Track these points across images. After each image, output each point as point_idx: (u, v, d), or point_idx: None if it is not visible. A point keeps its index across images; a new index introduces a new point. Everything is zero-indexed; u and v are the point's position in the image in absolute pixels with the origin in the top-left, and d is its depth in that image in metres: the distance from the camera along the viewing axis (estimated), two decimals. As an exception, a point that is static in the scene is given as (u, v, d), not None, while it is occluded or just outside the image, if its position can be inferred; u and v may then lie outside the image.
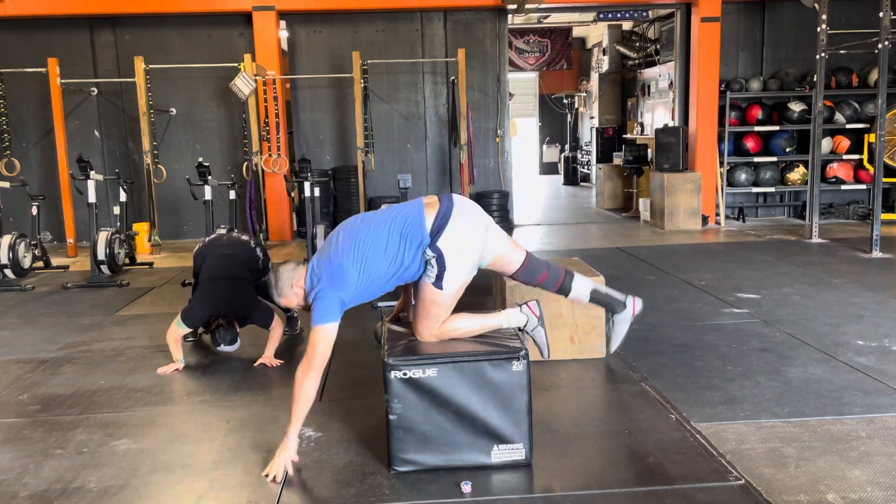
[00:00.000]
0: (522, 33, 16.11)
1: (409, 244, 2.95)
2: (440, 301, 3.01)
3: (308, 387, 2.89)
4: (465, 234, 2.98)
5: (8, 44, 9.53)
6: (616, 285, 6.11)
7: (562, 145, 19.46)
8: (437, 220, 2.95)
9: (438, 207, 2.99)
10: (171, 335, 4.43)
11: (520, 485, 2.82)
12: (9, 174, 8.86)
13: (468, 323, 3.11)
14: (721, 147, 9.85)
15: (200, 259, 4.71)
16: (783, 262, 7.03)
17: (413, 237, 2.95)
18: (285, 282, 3.12)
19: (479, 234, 3.04)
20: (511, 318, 3.19)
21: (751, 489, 2.72)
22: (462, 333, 3.09)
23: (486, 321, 3.15)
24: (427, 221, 2.96)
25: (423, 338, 3.06)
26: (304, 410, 2.91)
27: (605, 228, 9.99)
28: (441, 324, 3.05)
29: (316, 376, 2.90)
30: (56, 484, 2.95)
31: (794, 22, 10.11)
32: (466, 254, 3.00)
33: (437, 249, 2.94)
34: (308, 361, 2.89)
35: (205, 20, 9.70)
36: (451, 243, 2.94)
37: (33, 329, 5.46)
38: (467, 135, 9.11)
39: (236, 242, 4.81)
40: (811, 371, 3.98)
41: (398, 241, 2.95)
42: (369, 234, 2.98)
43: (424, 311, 3.04)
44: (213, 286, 4.50)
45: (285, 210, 9.66)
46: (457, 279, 3.00)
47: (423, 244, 2.95)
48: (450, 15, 9.93)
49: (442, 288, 2.98)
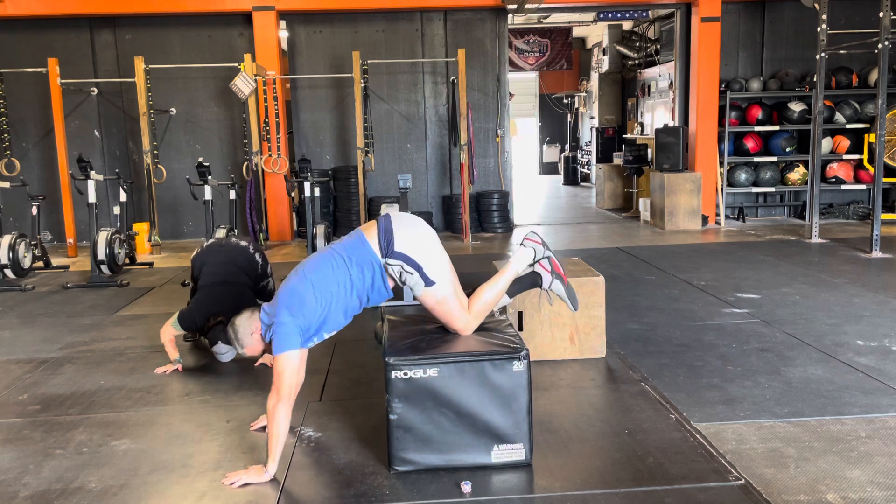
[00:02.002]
0: (522, 33, 16.12)
1: (358, 265, 2.99)
2: (446, 296, 3.04)
3: (281, 418, 2.85)
4: (414, 230, 3.05)
5: (8, 44, 9.54)
6: (616, 285, 6.16)
7: (562, 145, 19.46)
8: (381, 238, 3.02)
9: (377, 227, 3.06)
10: (165, 335, 4.42)
11: (520, 485, 2.82)
12: (9, 174, 8.86)
13: (491, 290, 3.15)
14: (721, 147, 9.86)
15: (199, 265, 4.72)
16: (783, 262, 7.03)
17: (360, 259, 2.99)
18: (244, 332, 3.11)
19: (423, 226, 3.12)
20: (520, 259, 3.24)
21: (751, 489, 2.72)
22: (493, 302, 3.15)
23: (504, 278, 3.19)
24: (371, 243, 3.02)
25: (469, 331, 3.10)
26: (281, 444, 2.88)
27: (605, 228, 9.99)
28: (470, 308, 3.09)
29: (286, 405, 2.87)
30: (56, 484, 2.95)
31: (794, 22, 10.12)
32: (427, 244, 3.05)
33: (399, 255, 2.98)
34: (276, 391, 2.87)
35: (205, 20, 9.70)
36: (407, 244, 3.00)
37: (33, 329, 5.46)
38: (467, 135, 9.11)
39: (235, 248, 4.81)
40: (811, 371, 3.99)
41: (344, 263, 2.99)
42: (316, 264, 3.01)
43: (444, 313, 3.08)
44: (212, 291, 4.51)
45: (285, 210, 9.66)
46: (439, 268, 3.04)
47: (376, 263, 2.99)
48: (450, 15, 9.93)
49: (435, 283, 3.01)
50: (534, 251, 3.24)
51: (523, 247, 3.25)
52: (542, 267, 3.26)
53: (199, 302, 4.50)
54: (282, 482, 2.89)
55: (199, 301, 4.51)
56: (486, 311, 3.15)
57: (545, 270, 3.26)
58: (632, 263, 7.27)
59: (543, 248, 3.25)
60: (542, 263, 3.26)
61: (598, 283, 4.27)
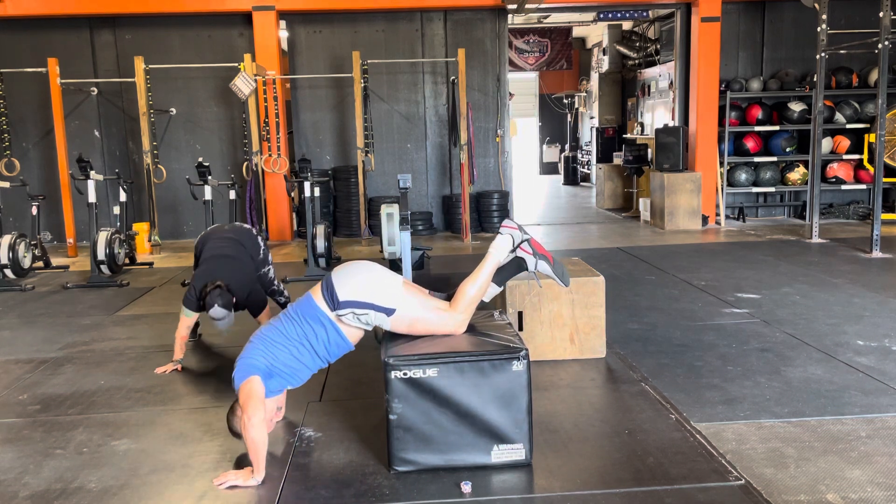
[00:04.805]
0: (522, 33, 16.12)
1: (306, 320, 3.03)
2: (414, 316, 3.05)
3: (256, 435, 2.85)
4: (352, 277, 3.05)
5: (8, 44, 9.54)
6: (616, 285, 6.15)
7: (562, 145, 19.46)
8: (325, 294, 3.04)
9: (321, 285, 3.09)
10: (179, 331, 4.39)
11: (520, 485, 2.82)
12: (9, 174, 8.87)
13: (473, 284, 3.12)
14: (721, 147, 9.86)
15: (202, 243, 4.66)
16: (783, 262, 7.03)
17: (308, 314, 3.03)
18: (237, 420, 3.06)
19: (362, 267, 3.12)
20: (499, 247, 3.18)
21: (751, 489, 2.72)
22: (479, 295, 3.13)
23: (485, 269, 3.15)
24: (316, 300, 3.05)
25: (461, 330, 3.09)
26: (262, 454, 2.88)
27: (605, 228, 9.99)
28: (455, 307, 3.08)
29: (259, 425, 2.86)
30: (56, 484, 2.95)
31: (794, 22, 10.12)
32: (369, 282, 3.04)
33: (345, 303, 2.99)
34: (247, 417, 2.86)
35: (205, 20, 9.70)
36: (349, 290, 3.00)
37: (33, 329, 5.46)
38: (467, 135, 9.11)
39: (239, 229, 4.79)
40: (811, 371, 3.98)
41: (290, 322, 3.05)
42: (266, 330, 3.08)
43: (425, 329, 3.08)
44: (213, 263, 4.41)
45: (285, 210, 9.66)
46: (392, 295, 3.02)
47: (324, 318, 3.02)
48: (450, 15, 9.93)
49: (396, 309, 3.02)
50: (511, 237, 3.19)
51: (500, 234, 3.20)
52: (524, 251, 3.21)
53: (199, 276, 4.37)
54: (282, 482, 2.89)
55: (198, 275, 4.38)
56: (473, 305, 3.12)
57: (527, 253, 3.20)
58: (632, 263, 7.27)
59: (521, 233, 3.20)
60: (522, 247, 3.21)
61: (598, 283, 4.27)
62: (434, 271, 7.17)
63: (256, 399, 2.90)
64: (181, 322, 4.38)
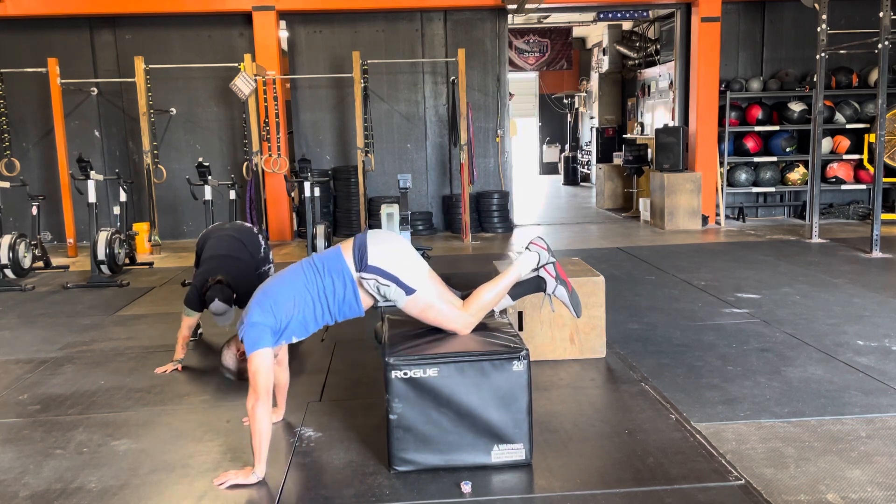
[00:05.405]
0: (522, 33, 16.12)
1: (330, 276, 3.00)
2: (430, 301, 3.04)
3: (260, 416, 2.85)
4: (387, 245, 3.04)
5: (8, 44, 9.53)
6: (616, 285, 6.15)
7: (562, 145, 19.46)
8: (355, 253, 3.03)
9: (353, 244, 3.08)
10: (181, 330, 4.39)
11: (520, 485, 2.82)
12: (9, 174, 8.86)
13: (491, 291, 3.14)
14: (721, 147, 9.86)
15: (203, 242, 4.66)
16: (783, 262, 7.03)
17: (333, 270, 3.01)
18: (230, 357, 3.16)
19: (398, 241, 3.13)
20: (524, 262, 3.22)
21: (751, 489, 2.72)
22: (493, 303, 3.15)
23: (506, 280, 3.18)
24: (346, 257, 3.03)
25: (467, 330, 3.10)
26: (265, 443, 2.88)
27: (605, 228, 9.99)
28: (468, 308, 3.08)
29: (264, 403, 2.87)
30: (56, 484, 2.95)
31: (794, 22, 10.12)
32: (402, 256, 3.04)
33: (373, 269, 2.98)
34: (253, 390, 2.88)
35: (205, 20, 9.70)
36: (380, 258, 2.99)
37: (33, 329, 5.46)
38: (467, 135, 9.11)
39: (240, 227, 4.79)
40: (811, 371, 3.99)
41: (319, 273, 3.02)
42: (293, 270, 3.07)
43: (435, 318, 3.08)
44: (214, 261, 4.41)
45: (285, 210, 9.66)
46: (417, 276, 3.03)
47: (348, 276, 3.00)
48: (450, 15, 9.93)
49: (416, 290, 3.01)
50: (538, 256, 3.22)
51: (528, 251, 3.23)
52: (547, 272, 3.23)
53: (199, 275, 4.37)
54: (282, 482, 2.89)
55: (199, 275, 4.38)
56: (484, 310, 3.14)
57: (550, 276, 3.23)
58: (632, 263, 7.27)
59: (548, 254, 3.23)
60: (546, 269, 3.24)
61: (598, 283, 4.27)
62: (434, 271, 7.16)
63: (264, 376, 2.88)
64: (183, 322, 4.39)
